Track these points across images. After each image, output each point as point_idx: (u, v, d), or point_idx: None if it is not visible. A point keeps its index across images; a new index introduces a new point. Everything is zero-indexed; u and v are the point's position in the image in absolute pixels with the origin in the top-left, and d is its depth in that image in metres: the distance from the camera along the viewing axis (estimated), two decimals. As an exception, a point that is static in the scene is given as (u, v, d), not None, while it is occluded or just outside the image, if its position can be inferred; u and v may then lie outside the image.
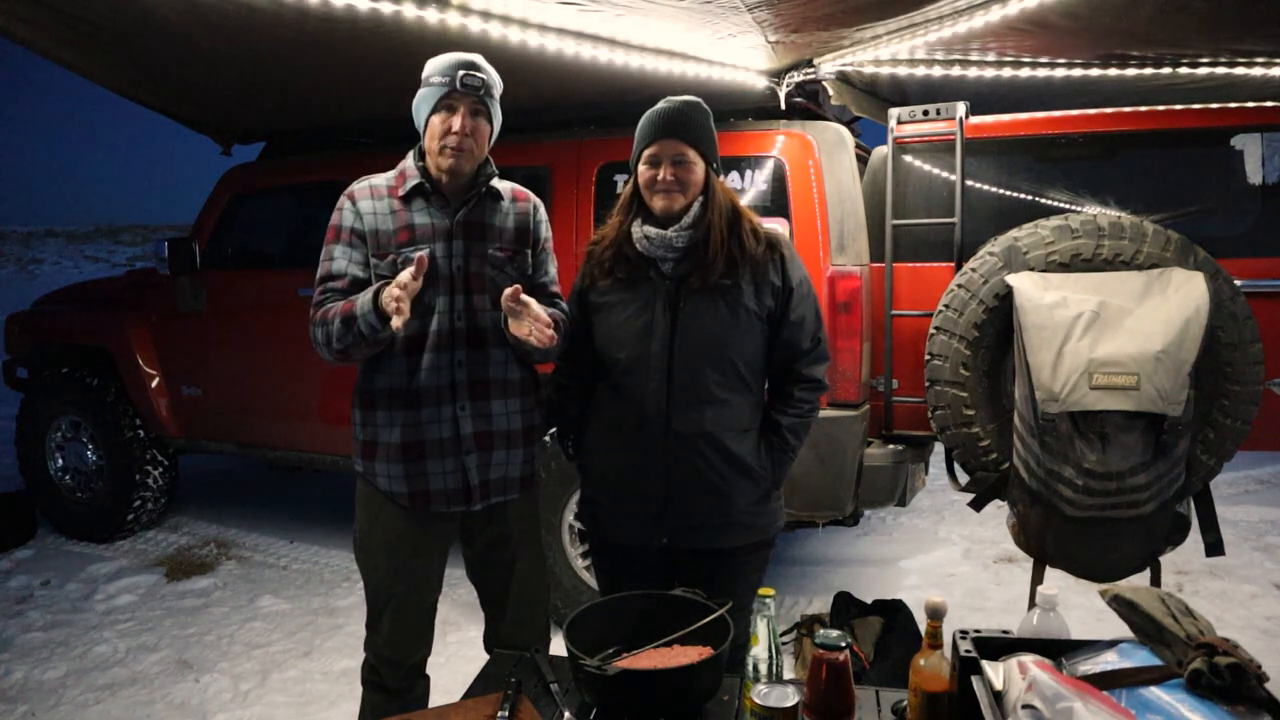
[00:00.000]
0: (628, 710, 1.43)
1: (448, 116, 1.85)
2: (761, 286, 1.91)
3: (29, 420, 4.68)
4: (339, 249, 1.92)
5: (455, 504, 1.96)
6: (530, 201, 2.06)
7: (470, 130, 1.85)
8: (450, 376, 1.91)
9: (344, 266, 1.91)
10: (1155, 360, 2.31)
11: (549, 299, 2.03)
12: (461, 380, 1.92)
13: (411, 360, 1.90)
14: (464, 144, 1.85)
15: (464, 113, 1.84)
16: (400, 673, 2.04)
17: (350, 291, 1.88)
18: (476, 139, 1.88)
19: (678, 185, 1.86)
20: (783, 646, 1.58)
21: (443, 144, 1.85)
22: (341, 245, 1.92)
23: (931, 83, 3.53)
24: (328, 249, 1.94)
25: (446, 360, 1.91)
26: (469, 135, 1.85)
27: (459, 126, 1.84)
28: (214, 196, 4.30)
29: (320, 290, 1.91)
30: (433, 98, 1.85)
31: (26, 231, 34.60)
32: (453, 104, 1.84)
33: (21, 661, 3.21)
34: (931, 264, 2.97)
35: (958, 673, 1.28)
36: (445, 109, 1.85)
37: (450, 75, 1.82)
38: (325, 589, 3.86)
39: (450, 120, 1.84)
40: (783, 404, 1.98)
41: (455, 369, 1.91)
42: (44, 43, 3.06)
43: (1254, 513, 4.66)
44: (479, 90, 1.84)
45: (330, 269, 1.92)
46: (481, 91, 1.85)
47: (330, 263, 1.92)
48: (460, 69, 1.83)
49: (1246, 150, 2.75)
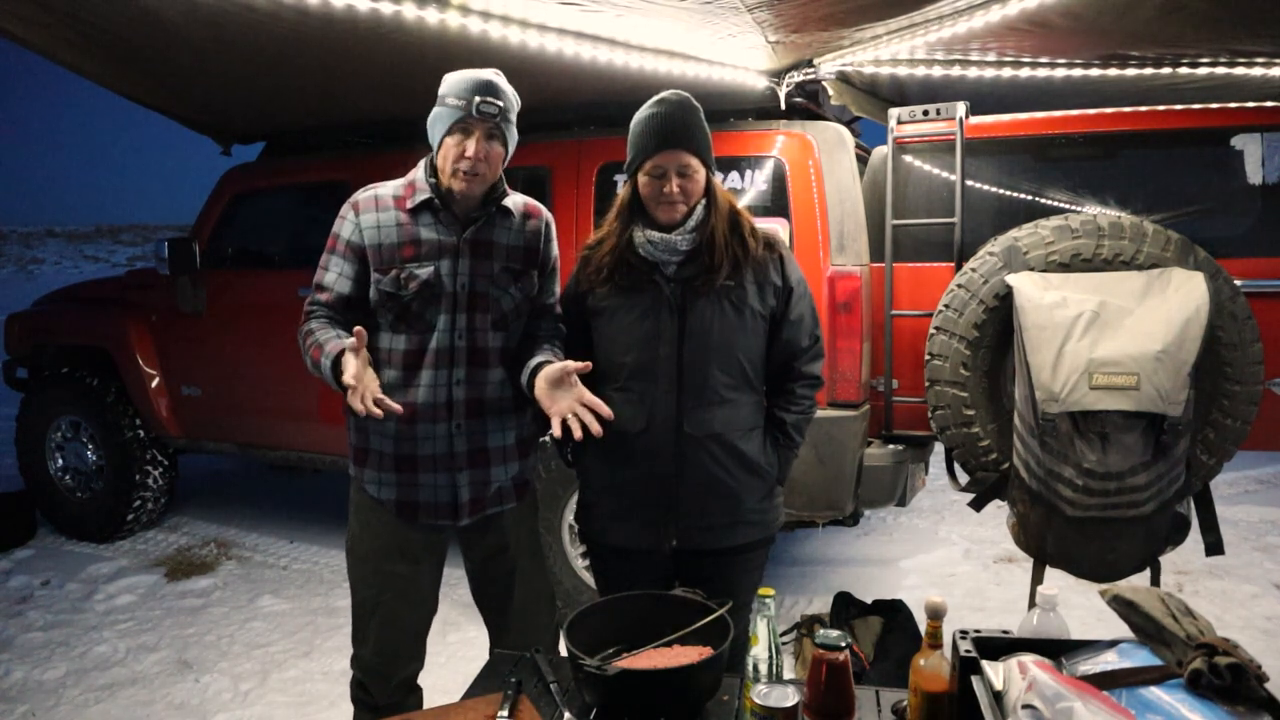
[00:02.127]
0: (628, 710, 1.43)
1: (462, 140, 1.81)
2: (764, 286, 1.92)
3: (29, 420, 4.68)
4: (333, 260, 1.92)
5: (443, 518, 1.94)
6: (542, 219, 2.02)
7: (484, 155, 1.82)
8: (448, 395, 1.89)
9: (333, 280, 1.91)
10: (1155, 360, 2.31)
11: (553, 320, 2.03)
12: (459, 399, 1.90)
13: (409, 375, 1.89)
14: (477, 168, 1.82)
15: (479, 138, 1.80)
16: (389, 687, 2.00)
17: (335, 307, 1.89)
18: (490, 163, 1.84)
19: (684, 197, 1.85)
20: (783, 646, 1.58)
21: (455, 167, 1.82)
22: (336, 257, 1.92)
23: (931, 83, 3.53)
24: (325, 257, 1.94)
25: (445, 378, 1.89)
26: (482, 160, 1.82)
27: (473, 152, 1.80)
28: (214, 196, 4.30)
29: (310, 301, 1.93)
30: (448, 119, 1.81)
31: (26, 231, 34.60)
32: (469, 128, 1.81)
33: (21, 661, 3.21)
34: (931, 264, 2.97)
35: (958, 673, 1.28)
36: (460, 132, 1.81)
37: (467, 100, 1.78)
38: (325, 589, 3.86)
39: (465, 144, 1.80)
40: (785, 402, 1.99)
41: (453, 387, 1.90)
42: (44, 43, 3.06)
43: (1254, 513, 4.66)
44: (495, 117, 1.80)
45: (322, 279, 1.92)
46: (498, 118, 1.81)
47: (324, 273, 1.93)
48: (477, 94, 1.78)
49: (1246, 150, 2.75)
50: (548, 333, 2.02)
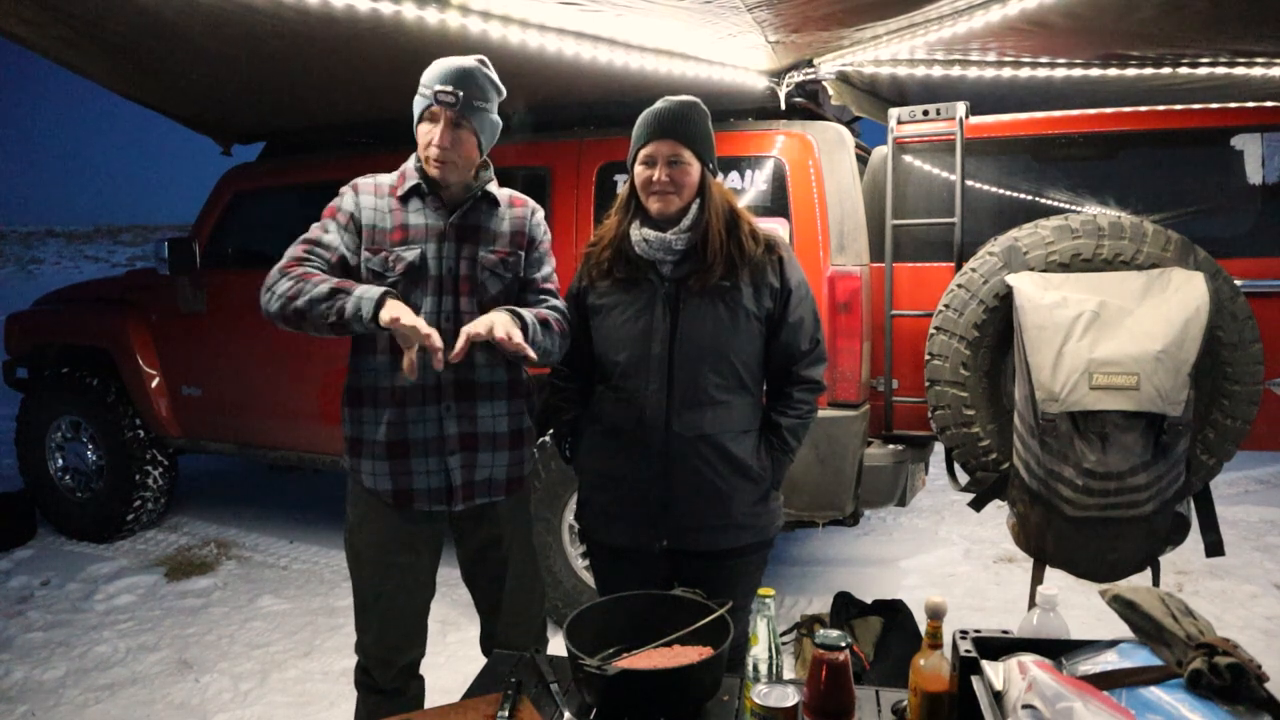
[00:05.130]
0: (628, 710, 1.43)
1: (430, 128, 1.87)
2: (760, 288, 1.91)
3: (29, 420, 4.68)
4: (334, 225, 1.93)
5: (437, 503, 1.96)
6: (527, 207, 2.06)
7: (450, 143, 1.86)
8: (436, 376, 1.90)
9: (337, 242, 1.91)
10: (1155, 360, 2.31)
11: (538, 295, 2.01)
12: (447, 381, 1.92)
13: (398, 358, 1.89)
14: (444, 155, 1.87)
15: (444, 126, 1.86)
16: (392, 673, 2.04)
17: (337, 269, 1.89)
18: (458, 150, 1.88)
19: (673, 186, 1.85)
20: (783, 646, 1.58)
21: (425, 154, 1.89)
22: (337, 224, 1.93)
23: (931, 83, 3.53)
24: (323, 222, 1.95)
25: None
26: (449, 148, 1.87)
27: (438, 139, 1.86)
28: (214, 196, 4.30)
29: (305, 248, 1.90)
30: (419, 108, 1.90)
31: (26, 231, 34.57)
32: (434, 115, 1.87)
33: (21, 661, 3.21)
34: (931, 264, 2.97)
35: (958, 673, 1.28)
36: (428, 120, 1.88)
37: (431, 89, 1.85)
38: (325, 589, 3.86)
39: (431, 132, 1.87)
40: (782, 405, 1.98)
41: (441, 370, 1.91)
42: (44, 43, 3.06)
43: (1254, 513, 4.66)
44: (454, 105, 1.84)
45: (322, 238, 1.92)
46: (458, 106, 1.85)
47: (324, 234, 1.93)
48: (439, 83, 1.84)
49: (1246, 150, 2.75)
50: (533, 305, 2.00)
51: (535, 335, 1.85)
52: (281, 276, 1.85)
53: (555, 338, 1.93)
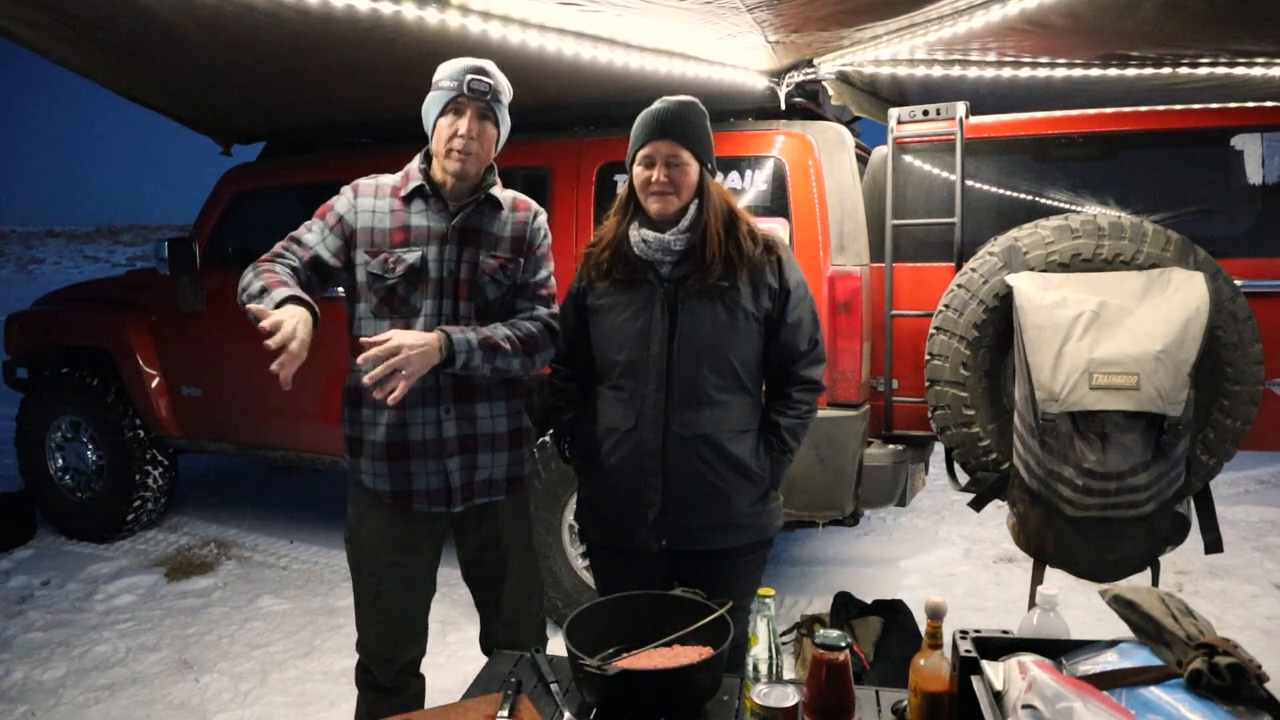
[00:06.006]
0: (628, 710, 1.43)
1: (455, 119, 1.87)
2: (759, 289, 1.91)
3: (29, 420, 4.68)
4: (320, 225, 1.94)
5: (437, 504, 1.97)
6: (530, 210, 2.05)
7: (476, 134, 1.87)
8: (435, 379, 1.90)
9: (315, 241, 1.92)
10: (1155, 360, 2.31)
11: (532, 300, 2.01)
12: (446, 383, 1.92)
13: None
14: (469, 146, 1.87)
15: (471, 116, 1.86)
16: (392, 671, 2.04)
17: (308, 266, 1.89)
18: (482, 143, 1.89)
19: (671, 187, 1.85)
20: (783, 646, 1.58)
21: (449, 146, 1.87)
22: (323, 224, 1.94)
23: (931, 83, 3.53)
24: (312, 221, 1.95)
25: None
26: (474, 139, 1.87)
27: (465, 130, 1.86)
28: (214, 196, 4.30)
29: (283, 245, 1.91)
30: (441, 101, 1.88)
31: (26, 231, 34.56)
32: (460, 107, 1.87)
33: (21, 661, 3.21)
34: (931, 264, 2.97)
35: (958, 673, 1.28)
36: (453, 112, 1.87)
37: (459, 79, 1.85)
38: (325, 589, 3.86)
39: (457, 123, 1.86)
40: (781, 406, 1.98)
41: (440, 372, 1.90)
42: (44, 43, 3.06)
43: (1254, 513, 4.66)
44: (486, 95, 1.86)
45: (303, 236, 1.93)
46: (489, 96, 1.87)
47: (307, 232, 1.94)
48: (469, 73, 1.85)
49: (1246, 150, 2.75)
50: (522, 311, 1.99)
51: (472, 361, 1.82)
52: (249, 270, 1.85)
53: (512, 360, 1.88)
